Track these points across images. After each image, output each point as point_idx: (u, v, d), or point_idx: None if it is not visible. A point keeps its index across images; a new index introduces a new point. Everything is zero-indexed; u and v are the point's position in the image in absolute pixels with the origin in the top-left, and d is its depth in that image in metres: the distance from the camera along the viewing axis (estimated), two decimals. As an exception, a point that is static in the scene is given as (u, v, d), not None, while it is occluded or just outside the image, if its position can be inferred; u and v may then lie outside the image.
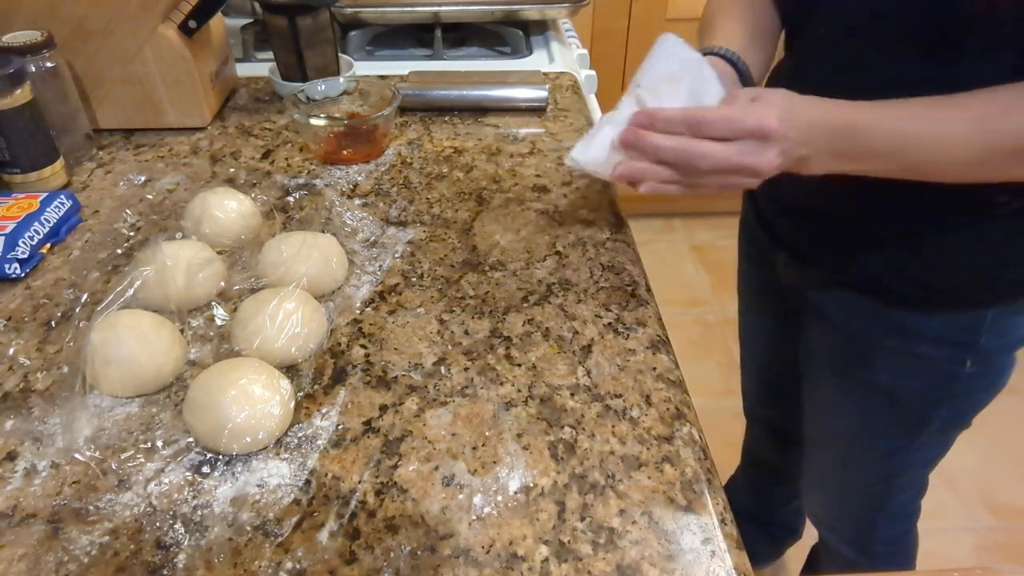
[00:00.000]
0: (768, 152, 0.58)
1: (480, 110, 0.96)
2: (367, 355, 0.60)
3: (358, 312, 0.64)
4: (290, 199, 0.79)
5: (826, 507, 1.02)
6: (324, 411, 0.55)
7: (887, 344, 0.76)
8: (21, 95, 0.74)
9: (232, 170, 0.84)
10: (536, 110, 0.97)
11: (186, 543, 0.46)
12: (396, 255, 0.71)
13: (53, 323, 0.63)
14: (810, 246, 0.79)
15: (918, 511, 1.00)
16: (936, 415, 0.80)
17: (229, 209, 0.70)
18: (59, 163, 0.80)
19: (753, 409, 1.21)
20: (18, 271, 0.67)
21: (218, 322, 0.62)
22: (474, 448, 0.52)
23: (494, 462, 0.51)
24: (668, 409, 0.55)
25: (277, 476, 0.50)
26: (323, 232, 0.69)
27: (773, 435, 1.20)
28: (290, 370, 0.58)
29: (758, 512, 1.33)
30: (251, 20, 1.18)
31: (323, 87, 0.90)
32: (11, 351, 0.60)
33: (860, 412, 0.84)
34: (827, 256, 0.77)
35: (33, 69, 0.77)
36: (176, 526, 0.47)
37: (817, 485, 1.01)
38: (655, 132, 0.59)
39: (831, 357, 0.84)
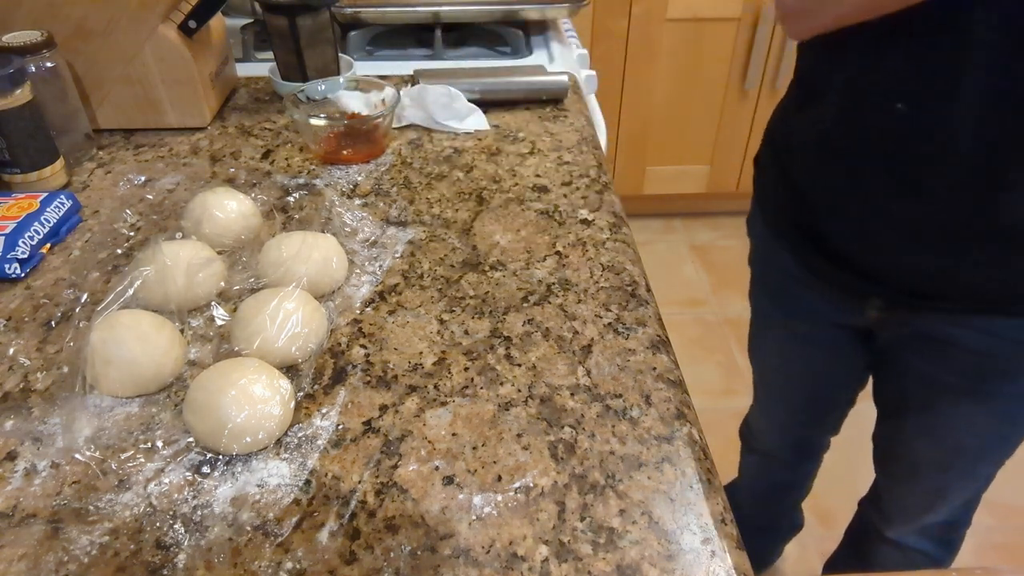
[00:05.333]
0: None
1: (482, 109, 0.96)
2: (367, 355, 0.60)
3: (358, 312, 0.64)
4: (290, 199, 0.79)
5: (928, 517, 1.00)
6: (324, 411, 0.55)
7: None
8: (21, 95, 0.74)
9: (232, 170, 0.84)
10: (556, 100, 0.99)
11: (186, 543, 0.46)
12: (396, 255, 0.71)
13: (53, 323, 0.63)
14: (935, 281, 0.73)
15: None
16: None
17: (229, 209, 0.70)
18: (59, 163, 0.80)
19: (772, 440, 1.19)
20: (18, 271, 0.67)
21: (218, 322, 0.62)
22: (474, 448, 0.52)
23: (494, 462, 0.51)
24: (668, 409, 0.55)
25: (277, 476, 0.50)
26: (323, 232, 0.69)
27: (796, 453, 1.19)
28: (290, 370, 0.58)
29: (765, 523, 1.32)
30: (251, 20, 1.18)
31: (323, 87, 0.90)
32: (11, 351, 0.60)
33: (998, 425, 0.83)
34: (962, 287, 0.72)
35: (33, 69, 0.77)
36: (176, 526, 0.47)
37: (921, 504, 0.99)
38: None
39: (964, 382, 0.80)
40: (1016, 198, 0.64)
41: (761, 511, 1.30)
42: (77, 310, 0.63)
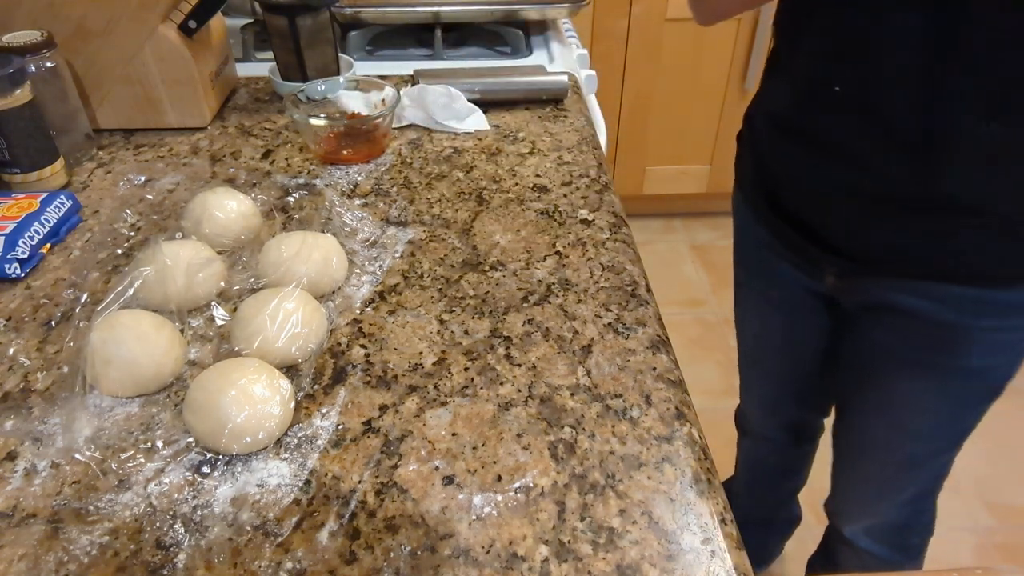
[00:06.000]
0: None
1: (482, 109, 0.97)
2: (367, 355, 0.60)
3: (358, 312, 0.64)
4: (290, 199, 0.79)
5: (876, 513, 1.00)
6: (324, 411, 0.55)
7: (981, 326, 0.75)
8: (21, 95, 0.74)
9: (232, 170, 0.84)
10: (556, 100, 0.99)
11: (186, 543, 0.46)
12: (396, 255, 0.71)
13: (53, 323, 0.63)
14: (883, 247, 0.75)
15: None
16: (1008, 382, 0.81)
17: (229, 209, 0.70)
18: (59, 163, 0.80)
19: (762, 420, 1.19)
20: (18, 271, 0.67)
21: (218, 322, 0.62)
22: (474, 448, 0.52)
23: (494, 462, 0.51)
24: (668, 409, 0.55)
25: (277, 476, 0.50)
26: (323, 232, 0.69)
27: (788, 435, 1.19)
28: (290, 370, 0.58)
29: (763, 515, 1.33)
30: (251, 20, 1.18)
31: (323, 87, 0.90)
32: (11, 351, 0.60)
33: (945, 401, 0.83)
34: (907, 253, 0.74)
35: (33, 69, 0.77)
36: (176, 526, 0.47)
37: (869, 493, 0.99)
38: None
39: (910, 353, 0.81)
40: (951, 170, 0.66)
41: (758, 502, 1.31)
42: (77, 310, 0.63)
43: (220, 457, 0.51)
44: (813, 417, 1.15)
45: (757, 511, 1.31)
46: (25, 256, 0.68)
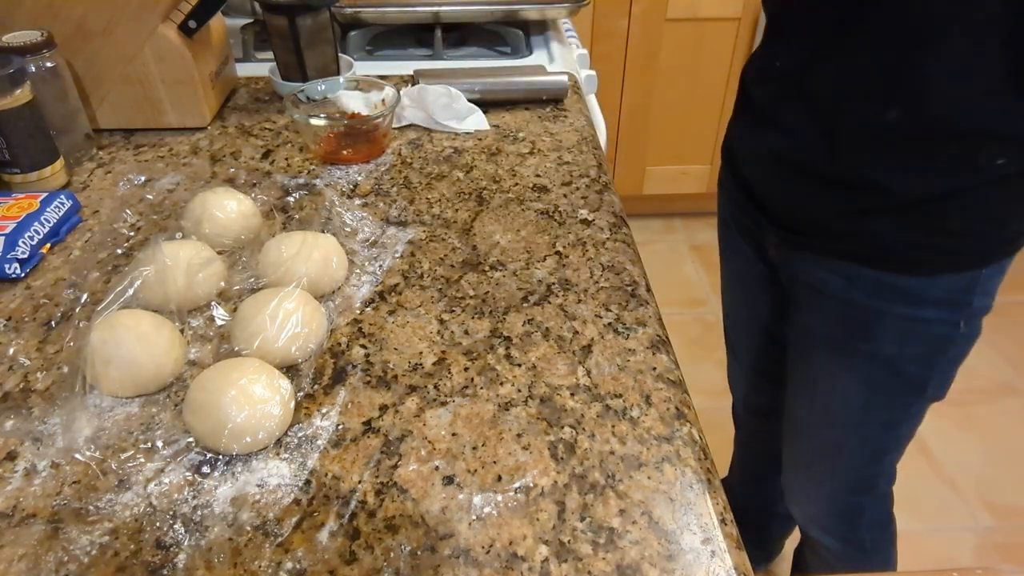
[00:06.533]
0: None
1: (482, 109, 0.97)
2: (367, 355, 0.60)
3: (358, 312, 0.64)
4: (290, 199, 0.79)
5: (814, 501, 1.02)
6: (324, 411, 0.55)
7: (891, 312, 0.77)
8: (21, 95, 0.74)
9: (232, 170, 0.84)
10: (556, 100, 1.00)
11: (186, 543, 0.46)
12: (396, 255, 0.71)
13: (53, 323, 0.63)
14: (807, 221, 0.80)
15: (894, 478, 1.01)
16: (931, 381, 0.82)
17: (229, 209, 0.70)
18: (59, 163, 0.80)
19: (748, 402, 1.21)
20: (18, 271, 0.67)
21: (218, 322, 0.62)
22: (474, 448, 0.52)
23: (494, 462, 0.51)
24: (668, 409, 0.55)
25: (277, 476, 0.50)
26: (323, 232, 0.69)
27: (771, 420, 1.20)
28: (290, 370, 0.58)
29: (759, 509, 1.33)
30: (251, 20, 1.18)
31: (323, 87, 0.90)
32: (11, 351, 0.60)
33: (861, 388, 0.85)
34: (826, 229, 0.78)
35: (33, 69, 0.77)
36: (176, 526, 0.47)
37: (804, 477, 1.01)
38: None
39: (830, 334, 0.84)
40: (856, 153, 0.71)
41: (753, 494, 1.31)
42: (77, 310, 0.63)
43: (220, 457, 0.51)
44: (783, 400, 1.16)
45: (753, 505, 1.32)
46: (25, 256, 0.68)
